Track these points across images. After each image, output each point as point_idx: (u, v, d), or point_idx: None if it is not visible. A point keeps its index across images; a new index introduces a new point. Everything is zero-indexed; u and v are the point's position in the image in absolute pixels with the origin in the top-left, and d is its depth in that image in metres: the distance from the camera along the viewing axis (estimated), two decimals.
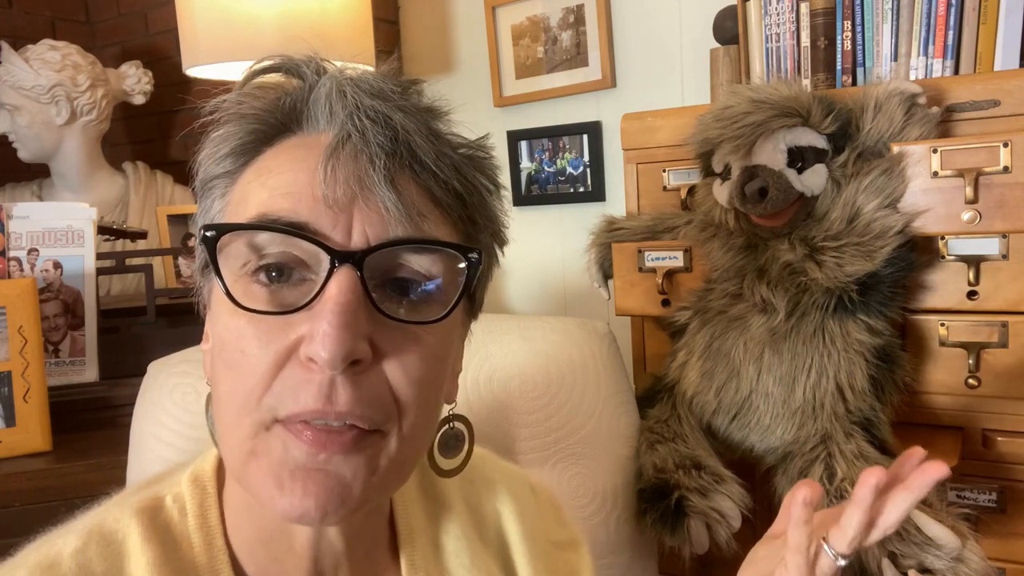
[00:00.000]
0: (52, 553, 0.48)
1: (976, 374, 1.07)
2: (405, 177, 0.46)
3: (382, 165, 0.45)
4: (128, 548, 0.49)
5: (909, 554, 0.89)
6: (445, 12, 1.97)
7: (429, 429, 0.51)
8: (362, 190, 0.44)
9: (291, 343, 0.43)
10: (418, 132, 0.47)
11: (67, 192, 1.80)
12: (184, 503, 0.52)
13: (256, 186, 0.47)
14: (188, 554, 0.50)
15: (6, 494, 1.13)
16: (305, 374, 0.42)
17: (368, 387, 0.43)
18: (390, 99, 0.47)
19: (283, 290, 0.44)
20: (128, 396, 1.12)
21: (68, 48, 1.71)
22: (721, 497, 1.00)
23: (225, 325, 0.45)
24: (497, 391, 1.00)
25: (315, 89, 0.47)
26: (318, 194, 0.44)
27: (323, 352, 0.41)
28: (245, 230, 0.44)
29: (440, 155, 0.48)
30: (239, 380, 0.44)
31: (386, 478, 0.46)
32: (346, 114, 0.46)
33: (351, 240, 0.44)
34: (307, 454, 0.43)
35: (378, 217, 0.44)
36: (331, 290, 0.42)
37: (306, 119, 0.48)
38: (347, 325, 0.41)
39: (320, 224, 0.44)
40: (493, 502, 0.64)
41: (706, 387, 1.10)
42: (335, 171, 0.44)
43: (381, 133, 0.45)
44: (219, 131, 0.49)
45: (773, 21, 1.36)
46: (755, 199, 1.04)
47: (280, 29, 1.42)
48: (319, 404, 0.42)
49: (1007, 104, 1.07)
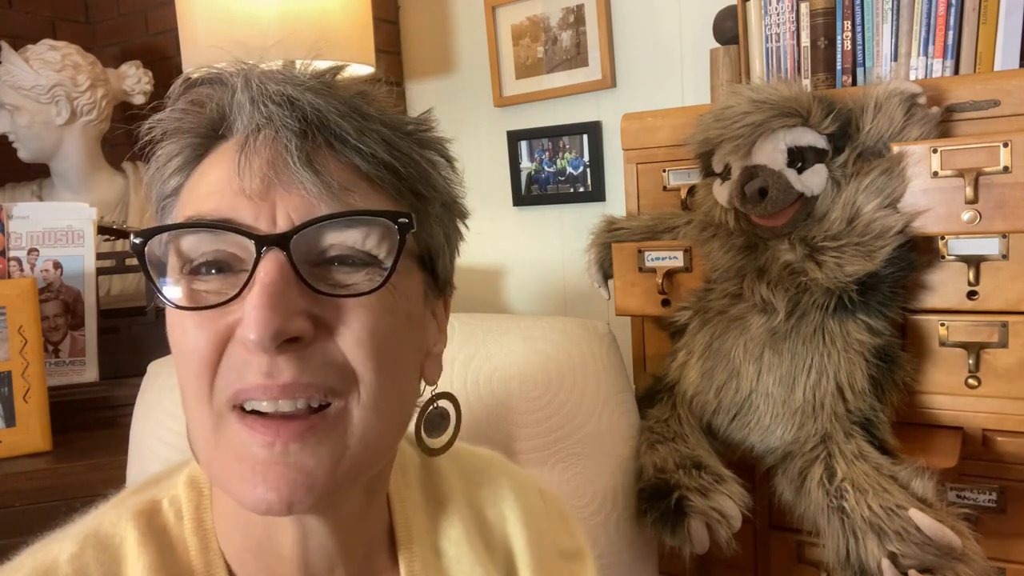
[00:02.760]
0: (49, 559, 0.48)
1: (976, 374, 1.07)
2: (323, 156, 0.46)
3: (295, 147, 0.45)
4: (125, 552, 0.49)
5: (909, 554, 0.89)
6: (445, 12, 1.97)
7: (399, 402, 0.50)
8: (278, 175, 0.45)
9: (230, 324, 0.44)
10: (333, 110, 0.46)
11: (67, 192, 1.80)
12: (180, 506, 0.52)
13: (191, 194, 0.48)
14: (184, 558, 0.50)
15: (6, 494, 1.13)
16: (247, 354, 0.43)
17: (314, 359, 0.44)
18: (299, 83, 0.47)
19: (218, 284, 0.45)
20: (128, 396, 1.11)
21: (68, 48, 1.71)
22: (721, 497, 1.00)
23: (171, 322, 0.47)
24: (497, 391, 1.00)
25: (235, 92, 0.48)
26: (236, 187, 0.45)
27: (251, 333, 0.42)
28: (169, 231, 0.46)
29: (364, 130, 0.47)
30: (189, 367, 0.45)
31: (357, 458, 0.46)
32: (251, 103, 0.46)
33: (276, 226, 0.44)
34: (262, 445, 0.43)
35: (300, 199, 0.45)
36: (258, 274, 0.43)
37: (232, 123, 0.48)
38: (272, 305, 0.42)
39: (243, 216, 0.44)
40: (499, 507, 0.63)
41: (706, 387, 1.10)
42: (249, 161, 0.45)
43: (288, 115, 0.45)
44: (160, 150, 0.50)
45: (773, 21, 1.36)
46: (755, 199, 1.04)
47: (280, 29, 1.42)
48: (261, 379, 0.43)
49: (1007, 104, 1.07)
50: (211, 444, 0.45)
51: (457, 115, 1.99)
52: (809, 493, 0.99)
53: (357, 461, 0.46)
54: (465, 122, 1.98)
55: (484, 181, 1.96)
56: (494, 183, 1.95)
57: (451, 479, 0.62)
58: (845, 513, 0.94)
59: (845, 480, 0.95)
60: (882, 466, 0.96)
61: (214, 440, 0.45)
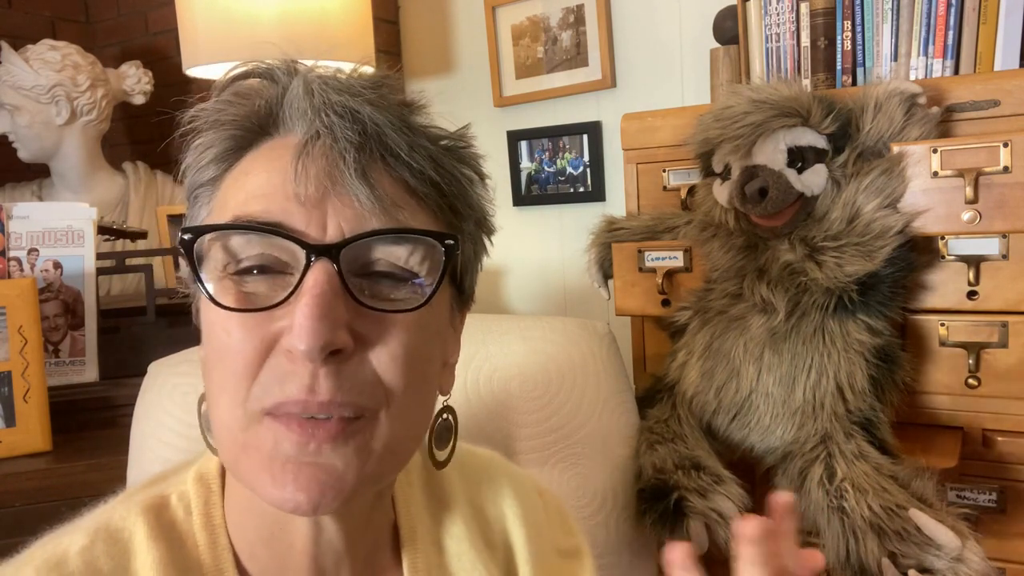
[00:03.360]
0: (59, 551, 0.48)
1: (976, 374, 1.07)
2: (378, 170, 0.47)
3: (352, 159, 0.45)
4: (134, 546, 0.49)
5: (909, 554, 0.89)
6: (445, 12, 1.97)
7: (422, 413, 0.51)
8: (334, 185, 0.45)
9: (274, 333, 0.44)
10: (389, 124, 0.47)
11: (67, 192, 1.80)
12: (189, 501, 0.53)
13: (235, 191, 0.48)
14: (193, 552, 0.51)
15: (6, 494, 1.13)
16: (289, 364, 0.43)
17: (351, 375, 0.44)
18: (359, 94, 0.47)
19: (264, 287, 0.45)
20: (128, 396, 1.11)
21: (68, 48, 1.71)
22: (721, 498, 1.00)
23: (211, 320, 0.46)
24: (497, 391, 1.00)
25: (287, 91, 0.48)
26: (290, 192, 0.45)
27: (300, 344, 0.42)
28: (220, 231, 0.46)
29: (414, 146, 0.48)
30: (227, 369, 0.45)
31: (382, 462, 0.47)
32: (313, 111, 0.46)
33: (326, 235, 0.45)
34: (296, 445, 0.43)
35: (352, 211, 0.45)
36: (308, 283, 0.43)
37: (282, 122, 0.48)
38: (322, 316, 0.42)
39: (294, 222, 0.45)
40: (499, 505, 0.64)
41: (706, 387, 1.10)
42: (306, 168, 0.45)
43: (349, 127, 0.46)
44: (199, 139, 0.50)
45: (773, 21, 1.36)
46: (755, 199, 1.04)
47: (280, 29, 1.42)
48: (302, 394, 0.43)
49: (1007, 104, 1.06)
50: (239, 443, 0.45)
51: (457, 115, 1.96)
52: (809, 493, 0.99)
53: (380, 466, 0.47)
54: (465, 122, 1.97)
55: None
56: (494, 183, 1.95)
57: (452, 478, 0.63)
58: (845, 513, 0.94)
59: (845, 480, 0.95)
60: (882, 466, 0.96)
61: (243, 438, 0.45)
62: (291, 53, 0.51)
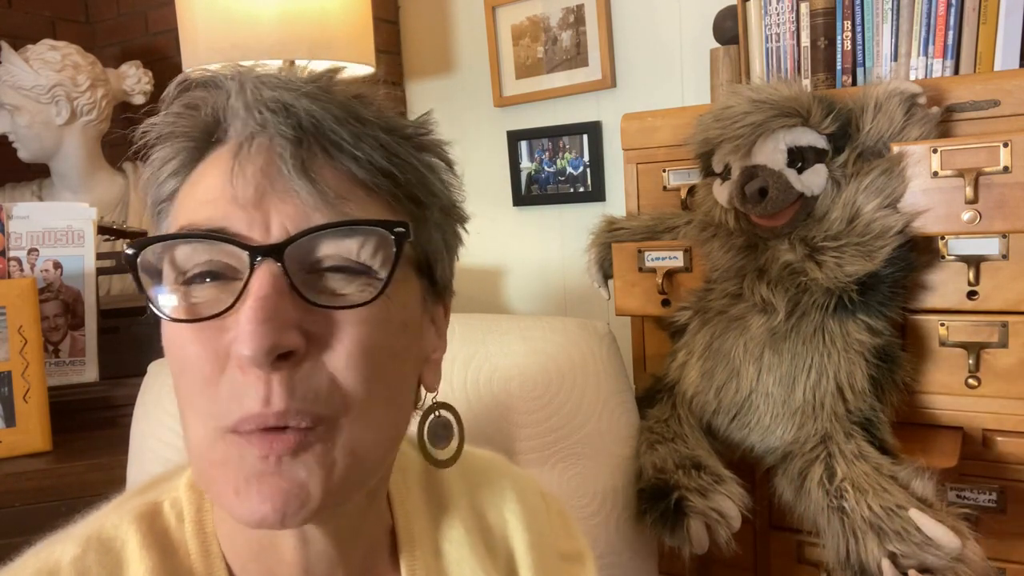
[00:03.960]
0: (51, 561, 0.48)
1: (976, 374, 1.07)
2: (319, 163, 0.45)
3: (289, 154, 0.44)
4: (127, 555, 0.49)
5: (909, 554, 0.89)
6: (445, 12, 1.97)
7: (392, 415, 0.49)
8: (272, 183, 0.44)
9: (226, 344, 0.43)
10: (330, 116, 0.46)
11: (67, 192, 1.80)
12: (181, 509, 0.52)
13: (186, 200, 0.47)
14: (186, 562, 0.50)
15: (6, 494, 1.13)
16: (243, 376, 0.42)
17: (305, 380, 0.43)
18: (295, 88, 0.46)
19: (213, 295, 0.44)
20: (128, 396, 1.11)
21: (68, 48, 1.71)
22: (721, 497, 1.00)
23: (168, 335, 0.46)
24: (497, 391, 1.00)
25: (230, 96, 0.47)
26: (229, 195, 0.44)
27: (244, 349, 0.40)
28: (161, 241, 0.45)
29: (360, 136, 0.46)
30: (189, 386, 0.44)
31: (348, 471, 0.45)
32: (247, 110, 0.45)
33: (270, 235, 0.43)
34: (258, 458, 0.42)
35: (294, 208, 0.44)
36: (252, 286, 0.42)
37: (229, 127, 0.47)
38: (266, 319, 0.41)
39: (237, 225, 0.43)
40: (500, 509, 0.63)
41: (706, 387, 1.10)
42: (242, 169, 0.44)
43: (283, 122, 0.45)
44: (154, 154, 0.49)
45: (773, 21, 1.36)
46: (755, 199, 1.04)
47: (280, 29, 1.42)
48: (257, 407, 0.42)
49: (1007, 104, 1.06)
50: (207, 459, 0.44)
51: (457, 115, 1.99)
52: (809, 493, 0.99)
53: (348, 475, 0.45)
54: (465, 122, 1.98)
55: (484, 181, 1.96)
56: (494, 183, 1.95)
57: (452, 481, 0.62)
58: (845, 513, 0.94)
59: (845, 480, 0.95)
60: (882, 466, 0.96)
61: (209, 456, 0.44)
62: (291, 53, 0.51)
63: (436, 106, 2.04)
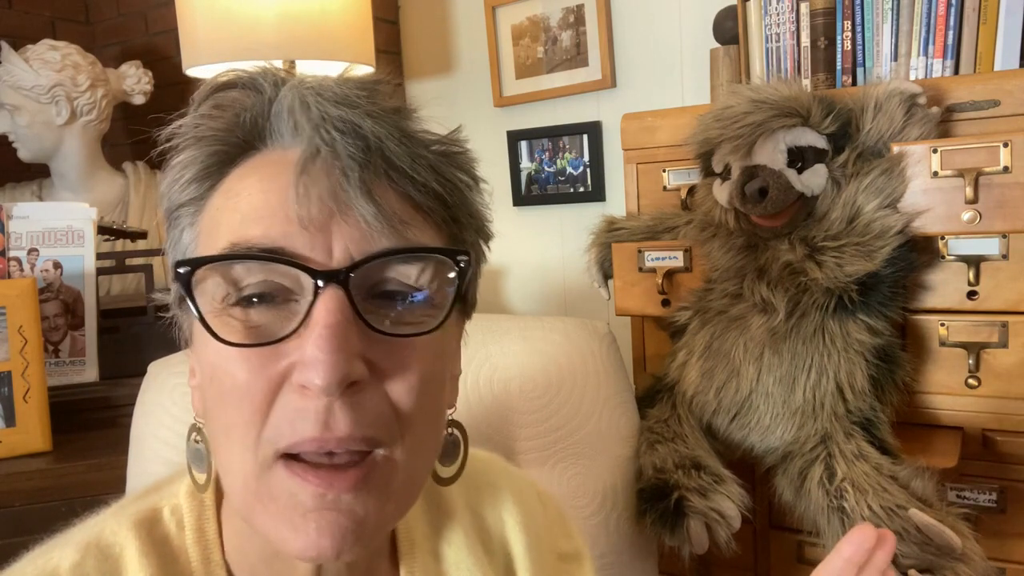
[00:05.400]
0: (49, 567, 0.47)
1: (976, 374, 1.07)
2: (382, 186, 0.44)
3: (357, 178, 0.42)
4: (125, 562, 0.49)
5: (909, 554, 0.89)
6: (445, 12, 1.97)
7: (436, 439, 0.49)
8: (338, 206, 0.42)
9: (283, 370, 0.41)
10: (390, 137, 0.44)
11: (67, 192, 1.80)
12: (182, 516, 0.52)
13: (226, 212, 0.44)
14: (185, 568, 0.50)
15: (6, 494, 1.13)
16: (301, 401, 0.41)
17: (367, 407, 0.42)
18: (357, 106, 0.44)
19: (268, 317, 0.42)
20: (128, 396, 1.11)
21: (68, 48, 1.71)
22: (721, 497, 1.00)
23: (212, 358, 0.43)
24: (497, 391, 1.00)
25: (275, 102, 0.45)
26: (291, 215, 0.42)
27: (317, 379, 0.39)
28: (218, 262, 0.42)
29: (415, 157, 0.45)
30: (235, 412, 0.42)
31: (401, 501, 0.45)
32: (312, 127, 0.43)
33: (332, 259, 0.42)
34: (314, 497, 0.41)
35: (358, 232, 0.42)
36: (318, 312, 0.40)
37: (269, 135, 0.45)
38: (339, 348, 0.39)
39: (297, 246, 0.42)
40: (498, 510, 0.63)
41: (706, 387, 1.10)
42: (307, 189, 0.42)
43: (352, 144, 0.43)
44: (180, 157, 0.46)
45: (773, 21, 1.36)
46: (755, 199, 1.04)
47: (280, 29, 1.42)
48: (317, 432, 0.40)
49: (1007, 104, 1.06)
50: (252, 491, 0.43)
51: (457, 115, 1.99)
52: (809, 493, 0.99)
53: (401, 502, 0.45)
54: (465, 122, 1.95)
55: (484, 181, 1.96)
56: (494, 183, 1.94)
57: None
58: (845, 513, 0.94)
59: (845, 480, 0.95)
60: (882, 466, 0.96)
61: (255, 487, 0.43)
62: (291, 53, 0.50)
63: (436, 106, 2.03)
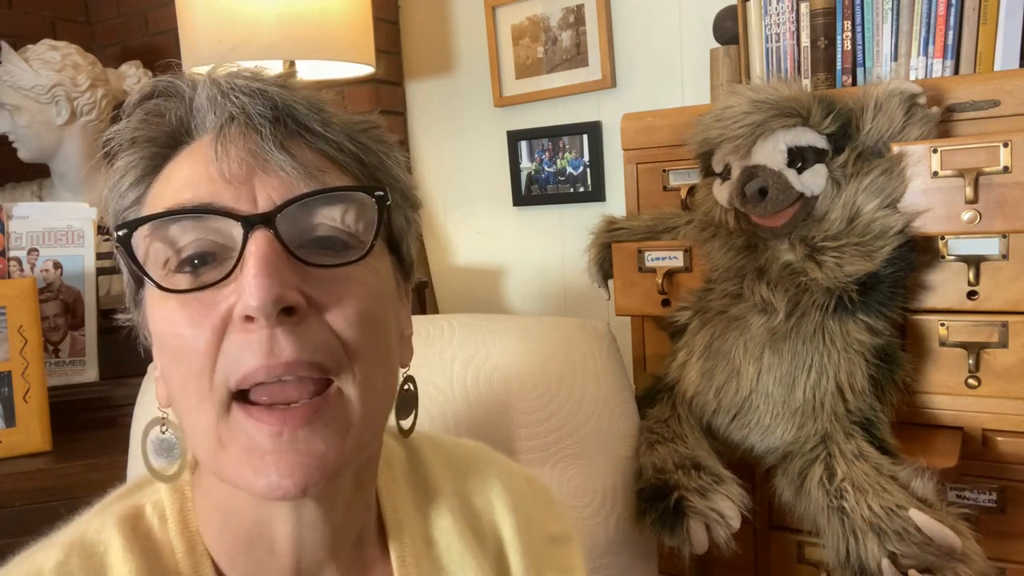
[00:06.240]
0: (34, 568, 0.48)
1: (976, 374, 1.07)
2: (296, 143, 0.48)
3: (269, 132, 0.47)
4: (110, 559, 0.49)
5: (909, 554, 0.89)
6: (445, 12, 1.97)
7: (389, 381, 0.52)
8: (256, 159, 0.46)
9: (223, 313, 0.44)
10: (299, 102, 0.49)
11: (67, 192, 1.80)
12: (164, 510, 0.52)
13: (158, 192, 0.49)
14: (171, 562, 0.50)
15: (6, 494, 1.13)
16: (244, 336, 0.43)
17: (308, 336, 0.44)
18: (265, 80, 0.49)
19: (207, 273, 0.46)
20: (128, 396, 1.11)
21: (68, 48, 1.71)
22: (720, 497, 1.00)
23: (160, 320, 0.47)
24: (497, 391, 1.00)
25: (195, 97, 0.49)
26: (214, 174, 0.46)
27: (252, 300, 0.42)
28: (153, 220, 0.46)
29: (326, 122, 0.49)
30: (187, 368, 0.45)
31: (361, 437, 0.47)
32: (223, 96, 0.48)
33: (258, 207, 0.45)
34: (269, 436, 0.44)
35: (278, 180, 0.46)
36: (249, 251, 0.44)
37: (195, 128, 0.49)
38: (272, 273, 0.43)
39: (223, 200, 0.45)
40: (487, 495, 0.64)
41: (706, 387, 1.10)
42: (226, 148, 0.46)
43: (260, 104, 0.47)
44: (117, 163, 0.50)
45: (773, 21, 1.36)
46: (755, 199, 1.04)
47: (280, 29, 1.42)
48: (263, 359, 0.43)
49: (1007, 104, 1.06)
50: (215, 441, 0.45)
51: (457, 115, 1.99)
52: (809, 493, 0.99)
53: (360, 437, 0.47)
54: (465, 122, 1.98)
55: (484, 181, 1.96)
56: (494, 183, 1.95)
57: (438, 471, 0.63)
58: (845, 513, 0.94)
59: (845, 480, 0.95)
60: (882, 466, 0.96)
61: (217, 437, 0.45)
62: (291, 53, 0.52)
63: (436, 106, 2.04)
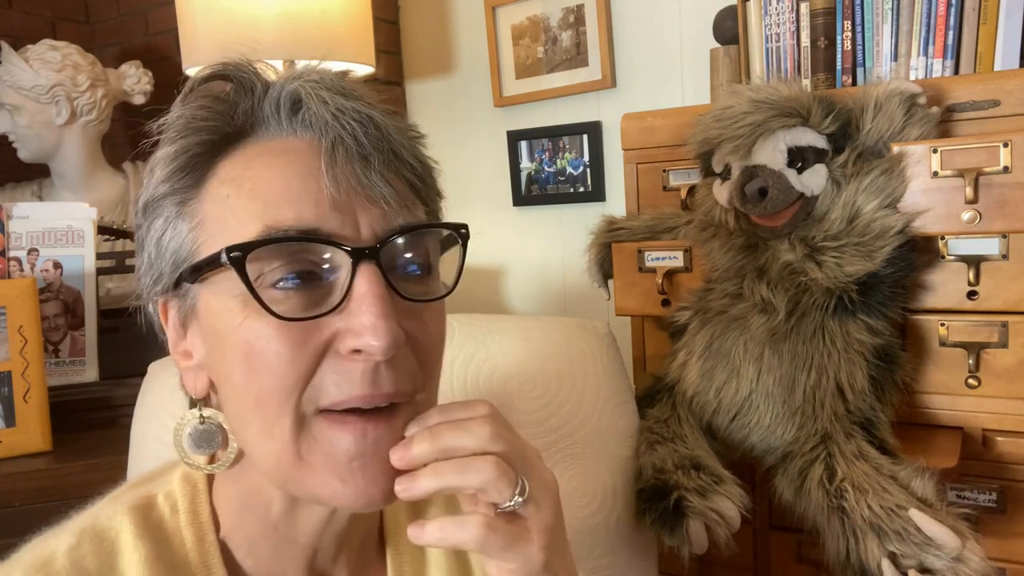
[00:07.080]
0: (46, 552, 0.49)
1: (976, 374, 1.07)
2: (391, 171, 0.49)
3: (376, 164, 0.47)
4: (120, 545, 0.50)
5: (909, 554, 0.89)
6: (445, 12, 1.97)
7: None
8: (363, 189, 0.47)
9: (326, 339, 0.45)
10: (395, 128, 0.50)
11: (67, 192, 1.80)
12: (175, 500, 0.53)
13: (241, 200, 0.47)
14: (180, 550, 0.51)
15: (6, 494, 1.13)
16: (347, 364, 0.45)
17: (404, 365, 0.47)
18: (361, 98, 0.49)
19: (303, 294, 0.46)
20: (128, 396, 1.11)
21: (68, 48, 1.71)
22: (720, 498, 1.00)
23: (245, 335, 0.46)
24: (497, 391, 1.00)
25: (269, 93, 0.49)
26: (322, 198, 0.46)
27: (375, 342, 0.44)
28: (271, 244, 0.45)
29: (405, 144, 0.51)
30: (273, 382, 0.45)
31: None
32: (332, 118, 0.48)
33: (360, 237, 0.46)
34: (354, 439, 0.45)
35: (379, 212, 0.47)
36: (361, 286, 0.45)
37: (261, 124, 0.49)
38: (388, 314, 0.44)
39: (331, 226, 0.46)
40: None
41: (706, 387, 1.10)
42: (334, 173, 0.46)
43: (371, 134, 0.48)
44: (168, 148, 0.49)
45: (773, 21, 1.36)
46: (755, 199, 1.04)
47: (280, 29, 1.42)
48: (366, 390, 0.45)
49: (1007, 104, 1.06)
50: (293, 455, 0.46)
51: (457, 115, 1.99)
52: (809, 493, 0.99)
53: None
54: (465, 122, 1.97)
55: (484, 181, 1.96)
56: (494, 183, 1.95)
57: None
58: (845, 513, 0.94)
59: (845, 480, 0.95)
60: (882, 466, 0.96)
61: (295, 450, 0.46)
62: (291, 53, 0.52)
63: (436, 106, 2.04)
